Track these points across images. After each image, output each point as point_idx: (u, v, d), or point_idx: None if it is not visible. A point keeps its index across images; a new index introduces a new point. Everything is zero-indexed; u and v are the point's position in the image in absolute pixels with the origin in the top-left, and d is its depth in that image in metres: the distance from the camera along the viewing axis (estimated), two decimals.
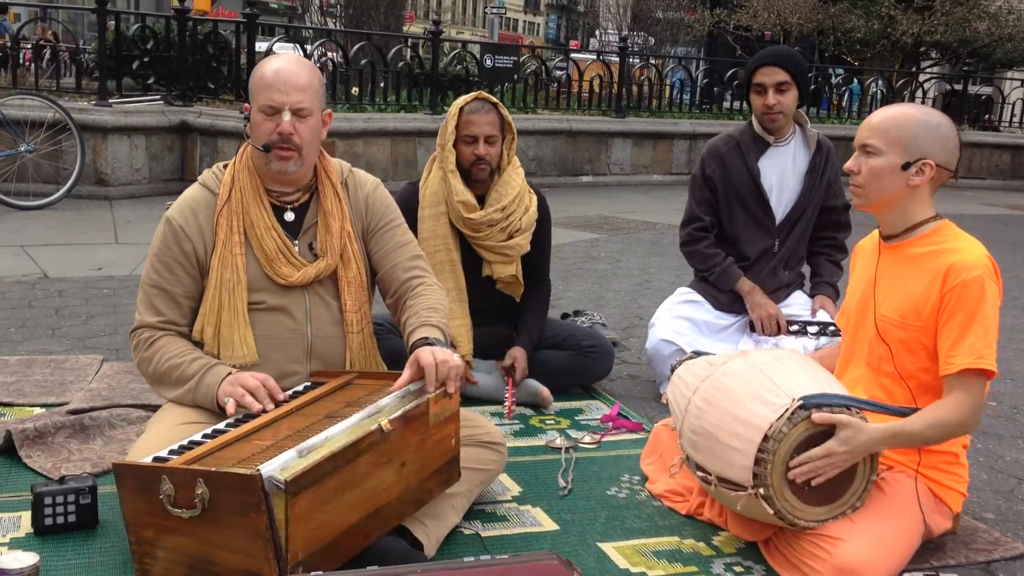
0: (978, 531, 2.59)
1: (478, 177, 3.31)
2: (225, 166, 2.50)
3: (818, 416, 2.17)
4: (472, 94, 3.36)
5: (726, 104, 12.06)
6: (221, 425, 2.20)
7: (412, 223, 3.33)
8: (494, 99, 3.35)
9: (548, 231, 3.54)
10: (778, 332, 3.44)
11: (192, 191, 2.48)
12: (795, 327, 3.45)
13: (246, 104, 2.47)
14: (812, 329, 3.44)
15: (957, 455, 2.40)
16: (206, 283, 2.41)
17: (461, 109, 3.29)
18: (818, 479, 2.18)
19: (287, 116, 2.36)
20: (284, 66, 2.39)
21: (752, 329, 3.51)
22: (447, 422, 2.24)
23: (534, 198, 3.45)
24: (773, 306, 3.48)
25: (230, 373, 2.31)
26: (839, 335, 2.99)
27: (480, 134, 3.27)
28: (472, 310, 3.38)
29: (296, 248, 2.44)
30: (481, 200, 3.35)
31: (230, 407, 2.24)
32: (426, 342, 2.28)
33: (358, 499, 2.00)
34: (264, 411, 2.23)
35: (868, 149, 2.32)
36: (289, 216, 2.47)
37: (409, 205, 3.36)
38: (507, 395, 3.31)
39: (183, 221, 2.42)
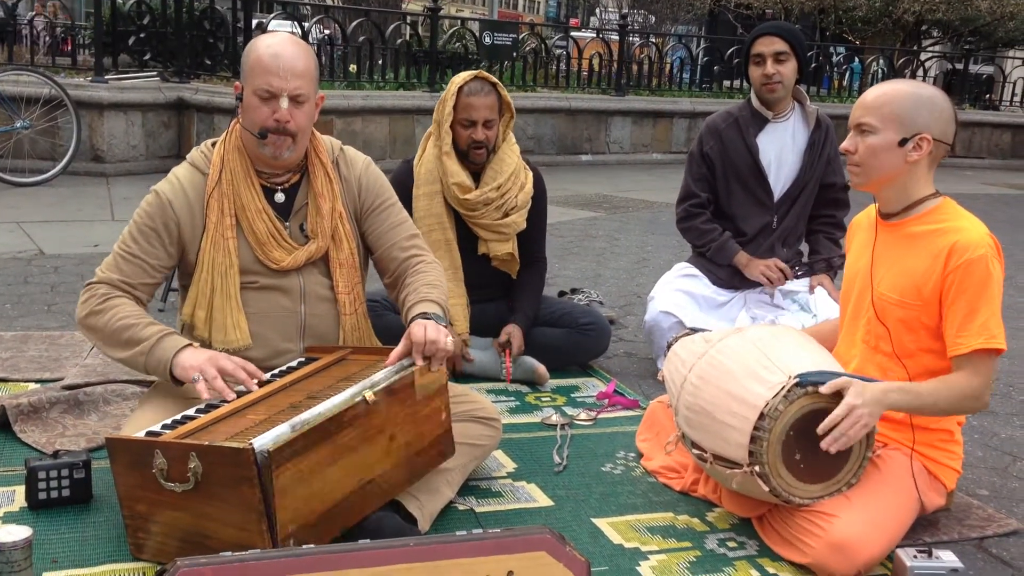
0: (972, 508, 2.59)
1: (475, 160, 3.29)
2: (213, 144, 2.46)
3: (826, 387, 2.16)
4: (471, 73, 3.30)
5: (726, 83, 11.99)
6: (215, 400, 2.19)
7: (407, 202, 3.31)
8: (493, 79, 3.30)
9: (544, 208, 3.52)
10: (784, 279, 3.44)
11: (181, 171, 2.44)
12: (799, 270, 3.47)
13: (237, 83, 2.43)
14: (818, 266, 3.47)
15: (952, 432, 2.40)
16: (196, 265, 2.38)
17: (460, 89, 3.23)
18: (847, 444, 2.13)
19: (285, 103, 2.31)
20: (282, 49, 2.33)
21: (754, 305, 3.50)
22: (435, 395, 2.24)
23: (530, 175, 3.43)
24: (769, 259, 3.48)
25: (190, 345, 2.25)
26: (842, 266, 2.98)
27: (479, 119, 3.23)
28: (468, 288, 3.37)
29: (287, 230, 2.42)
30: (476, 177, 3.33)
31: (200, 388, 2.15)
32: (424, 316, 2.28)
33: (347, 472, 2.00)
34: (247, 391, 2.20)
35: (863, 128, 2.29)
36: (279, 197, 2.44)
37: (404, 184, 3.34)
38: (504, 365, 3.32)
39: (172, 195, 2.38)
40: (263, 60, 2.32)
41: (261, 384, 2.23)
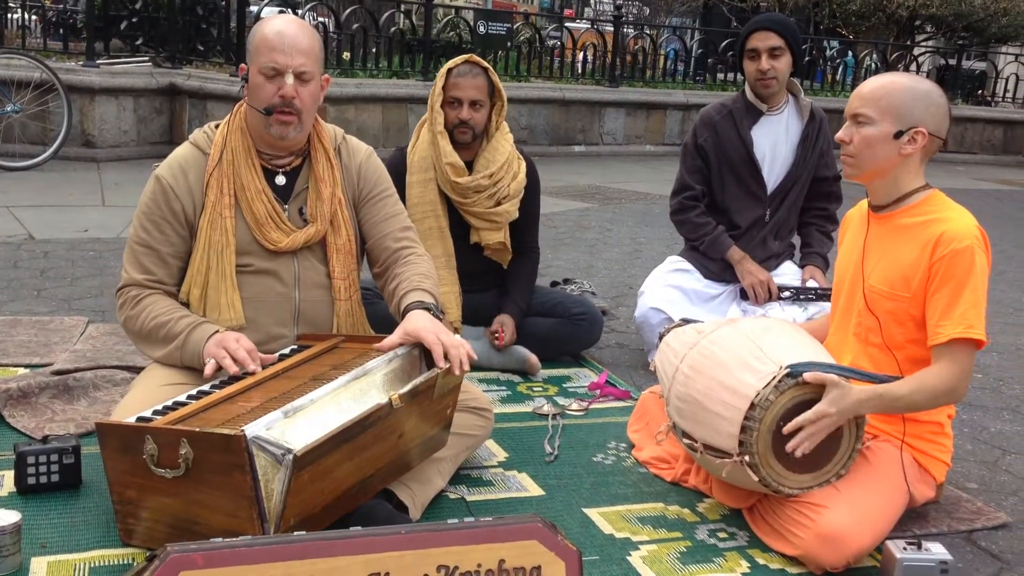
0: (961, 501, 2.60)
1: (460, 140, 3.29)
2: (217, 126, 2.46)
3: (810, 375, 2.17)
4: (463, 57, 3.34)
5: (720, 75, 11.98)
6: (206, 387, 2.19)
7: (400, 189, 3.31)
8: (485, 63, 3.32)
9: (537, 198, 3.52)
10: (769, 299, 3.44)
11: (182, 150, 2.45)
12: (787, 294, 3.45)
13: (243, 65, 2.43)
14: (804, 295, 3.43)
15: (942, 425, 2.41)
16: (194, 244, 2.38)
17: (450, 71, 3.28)
18: (809, 444, 2.17)
19: (290, 79, 2.32)
20: (287, 28, 2.35)
21: (743, 297, 3.50)
22: (449, 393, 2.24)
23: (523, 164, 3.43)
24: (764, 272, 3.48)
25: (217, 331, 2.28)
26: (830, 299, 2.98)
27: (465, 98, 3.25)
28: (461, 276, 3.37)
29: (286, 213, 2.42)
30: (469, 166, 3.33)
31: (208, 369, 2.19)
32: (422, 305, 2.28)
33: (355, 469, 1.99)
34: (252, 373, 2.21)
35: (860, 119, 2.30)
36: (280, 180, 2.44)
37: (397, 171, 3.34)
38: (497, 345, 3.33)
39: (172, 180, 2.39)
40: (268, 38, 2.33)
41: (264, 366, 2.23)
